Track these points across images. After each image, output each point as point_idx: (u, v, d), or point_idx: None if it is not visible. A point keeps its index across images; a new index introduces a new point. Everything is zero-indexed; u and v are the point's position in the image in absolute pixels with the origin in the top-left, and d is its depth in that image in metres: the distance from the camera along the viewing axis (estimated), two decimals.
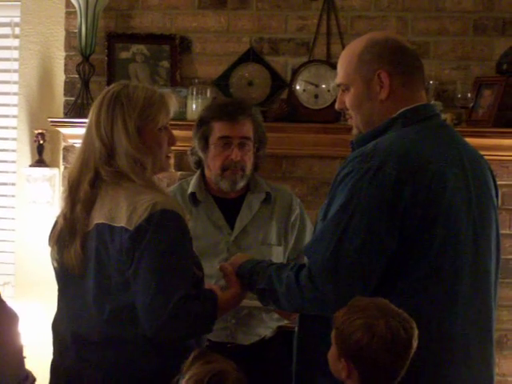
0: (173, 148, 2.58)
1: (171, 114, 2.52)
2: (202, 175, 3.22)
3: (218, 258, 3.04)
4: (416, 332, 2.05)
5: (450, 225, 2.26)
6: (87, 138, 2.47)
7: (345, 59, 2.45)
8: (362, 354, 2.01)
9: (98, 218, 2.40)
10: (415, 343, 2.05)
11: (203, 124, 3.10)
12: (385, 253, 2.22)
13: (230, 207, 3.18)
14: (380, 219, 2.21)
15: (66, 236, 2.45)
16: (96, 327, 2.40)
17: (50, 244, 2.52)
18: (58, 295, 2.57)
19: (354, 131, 2.49)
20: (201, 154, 3.13)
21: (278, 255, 3.11)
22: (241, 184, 3.13)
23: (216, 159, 3.09)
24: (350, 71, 2.41)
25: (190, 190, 3.17)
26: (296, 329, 2.49)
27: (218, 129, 3.07)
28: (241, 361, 2.99)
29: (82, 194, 2.42)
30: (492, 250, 2.39)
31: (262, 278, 2.43)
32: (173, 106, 2.52)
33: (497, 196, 2.49)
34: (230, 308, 2.59)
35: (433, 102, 3.77)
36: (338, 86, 2.49)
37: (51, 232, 2.54)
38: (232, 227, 3.16)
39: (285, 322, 3.22)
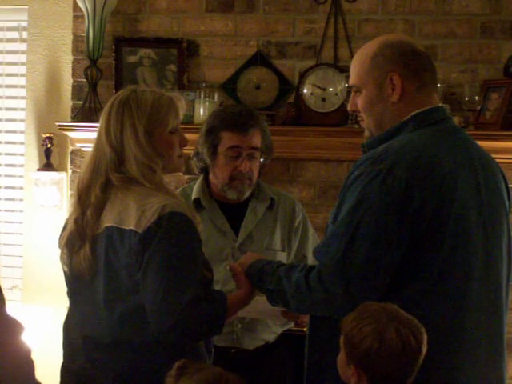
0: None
1: (181, 117, 2.52)
2: (206, 180, 3.21)
3: (223, 264, 3.04)
4: (425, 338, 2.04)
5: (460, 228, 2.25)
6: (97, 144, 2.48)
7: (357, 61, 2.45)
8: (372, 361, 2.00)
9: (108, 221, 2.40)
10: (424, 349, 2.04)
11: (212, 133, 3.08)
12: (394, 255, 2.22)
13: (233, 212, 3.16)
14: (390, 222, 2.21)
15: (75, 239, 2.45)
16: (106, 330, 2.40)
17: (59, 247, 2.53)
18: (69, 298, 2.57)
19: (366, 133, 2.49)
20: (208, 161, 3.12)
21: (281, 261, 3.11)
22: (247, 193, 3.13)
23: (225, 169, 3.08)
24: (363, 73, 2.42)
25: (193, 196, 3.16)
26: (307, 332, 2.49)
27: (228, 139, 3.05)
28: (245, 365, 3.00)
29: (92, 198, 2.42)
30: (503, 252, 2.39)
31: (272, 279, 2.43)
32: (182, 108, 2.52)
33: (509, 199, 2.49)
34: (240, 308, 2.58)
35: (440, 104, 3.77)
36: (350, 87, 2.49)
37: (61, 235, 2.54)
38: (236, 233, 3.15)
39: (288, 327, 3.22)
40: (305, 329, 3.08)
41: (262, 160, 3.15)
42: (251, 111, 3.15)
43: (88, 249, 2.41)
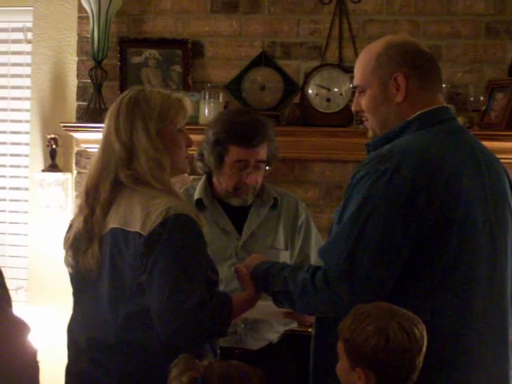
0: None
1: (188, 117, 2.54)
2: (208, 181, 3.21)
3: (226, 263, 3.04)
4: (424, 327, 2.04)
5: (465, 228, 2.25)
6: (105, 143, 2.47)
7: (362, 61, 2.45)
8: (380, 359, 1.99)
9: (113, 222, 2.40)
10: (425, 338, 2.04)
11: (219, 144, 3.06)
12: (400, 256, 2.21)
13: (236, 212, 3.16)
14: (395, 222, 2.20)
15: (83, 239, 2.44)
16: (110, 331, 2.39)
17: (64, 248, 2.53)
18: (73, 299, 2.57)
19: (370, 133, 2.49)
20: (213, 168, 3.11)
21: (285, 260, 3.09)
22: (250, 201, 3.14)
23: (230, 180, 3.08)
24: (367, 73, 2.41)
25: (196, 196, 3.16)
26: (313, 333, 2.49)
27: (237, 153, 3.04)
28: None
29: (101, 196, 2.42)
30: (508, 251, 2.38)
31: (277, 280, 2.42)
32: (189, 108, 2.54)
33: None
34: (245, 310, 2.58)
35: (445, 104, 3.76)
36: (355, 87, 2.49)
37: (66, 236, 2.54)
38: (239, 232, 3.15)
39: (291, 326, 3.22)
40: (310, 329, 3.08)
41: (266, 168, 3.16)
42: (259, 122, 3.10)
43: (97, 248, 2.41)
